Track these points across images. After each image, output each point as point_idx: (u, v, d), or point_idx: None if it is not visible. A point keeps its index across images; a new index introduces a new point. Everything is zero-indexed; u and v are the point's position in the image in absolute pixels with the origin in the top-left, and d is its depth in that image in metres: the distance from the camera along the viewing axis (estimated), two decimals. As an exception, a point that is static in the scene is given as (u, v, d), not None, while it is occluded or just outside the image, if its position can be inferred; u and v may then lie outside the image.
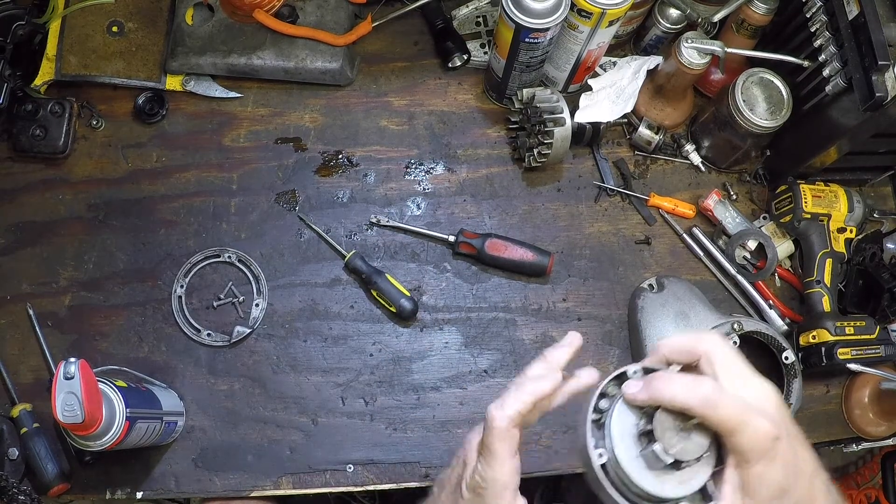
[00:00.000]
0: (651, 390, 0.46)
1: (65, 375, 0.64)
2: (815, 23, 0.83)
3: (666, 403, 0.44)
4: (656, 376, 0.46)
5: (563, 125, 0.89)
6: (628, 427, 0.48)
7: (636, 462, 0.46)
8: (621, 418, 0.48)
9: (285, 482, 0.86)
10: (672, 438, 0.44)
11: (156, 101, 0.98)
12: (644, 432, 0.46)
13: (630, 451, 0.47)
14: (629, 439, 0.47)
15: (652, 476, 0.46)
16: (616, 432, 0.48)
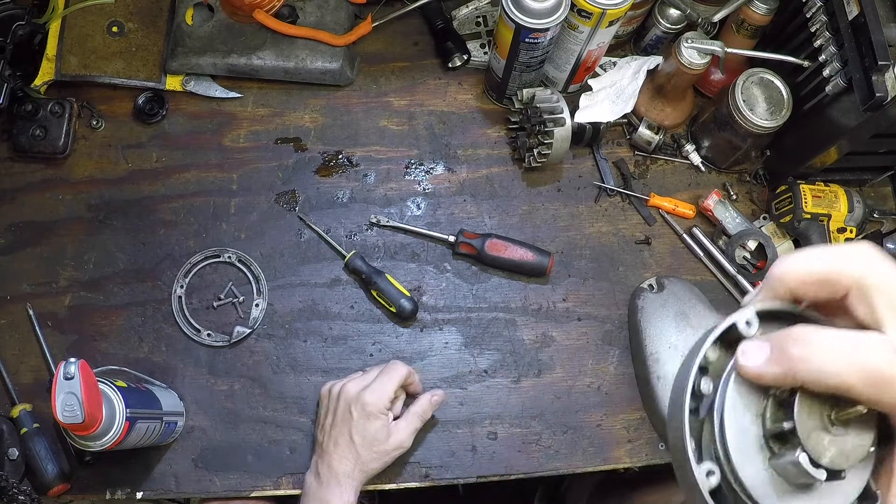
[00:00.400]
0: (786, 362, 0.31)
1: (65, 375, 0.64)
2: (815, 23, 0.83)
3: (811, 384, 0.30)
4: (791, 336, 0.31)
5: (563, 125, 0.89)
6: (747, 423, 0.33)
7: (766, 478, 0.32)
8: (737, 410, 0.33)
9: (285, 482, 0.85)
10: (821, 440, 0.31)
11: (156, 102, 0.98)
12: (775, 434, 0.33)
13: (755, 462, 0.32)
14: (751, 443, 0.33)
15: (792, 495, 0.32)
16: (732, 435, 0.32)
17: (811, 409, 0.31)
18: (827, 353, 0.30)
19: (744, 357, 0.32)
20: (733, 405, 0.33)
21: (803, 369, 0.30)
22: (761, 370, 0.31)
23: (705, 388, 0.34)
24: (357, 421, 0.77)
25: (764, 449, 0.33)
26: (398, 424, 0.80)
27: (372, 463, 0.78)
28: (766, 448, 0.33)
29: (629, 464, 0.87)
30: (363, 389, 0.78)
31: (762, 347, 0.32)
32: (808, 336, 0.30)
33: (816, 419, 0.31)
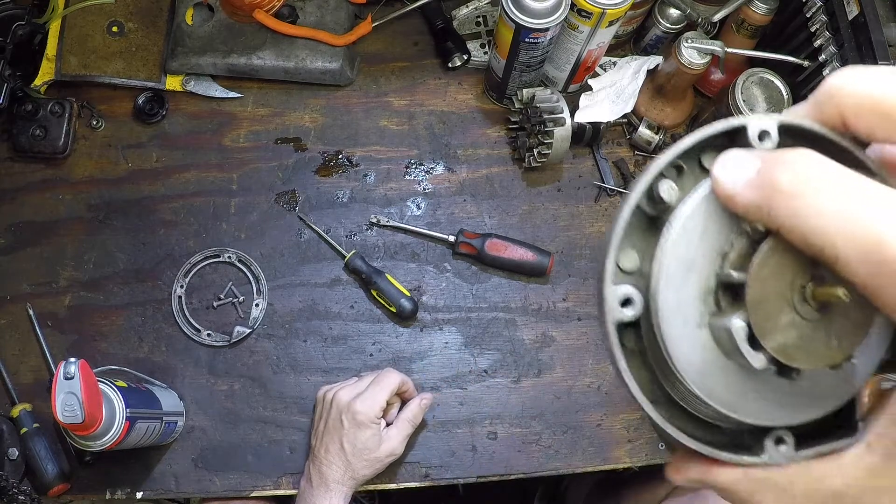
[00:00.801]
0: (767, 191, 0.23)
1: (65, 375, 0.64)
2: (815, 23, 0.83)
3: (787, 231, 0.23)
4: (787, 160, 0.23)
5: (563, 125, 0.89)
6: (700, 257, 0.25)
7: (696, 338, 0.25)
8: (692, 233, 0.25)
9: (285, 482, 0.86)
10: (777, 316, 0.23)
11: (156, 102, 0.98)
12: (726, 284, 0.25)
13: (690, 311, 0.25)
14: (694, 285, 0.25)
15: (726, 374, 0.25)
16: (674, 265, 0.25)
17: (779, 268, 0.23)
18: (825, 197, 0.22)
19: (721, 168, 0.25)
20: (690, 227, 0.25)
21: (784, 207, 0.22)
22: (734, 191, 0.24)
23: (667, 194, 0.26)
24: (348, 430, 0.77)
25: (708, 300, 0.25)
26: (389, 432, 0.80)
27: (363, 470, 0.78)
28: (711, 299, 0.25)
29: (629, 464, 0.87)
30: (355, 398, 0.78)
31: (748, 162, 0.24)
32: (810, 167, 0.22)
33: (782, 285, 0.23)
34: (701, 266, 0.25)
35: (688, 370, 0.25)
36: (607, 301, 0.26)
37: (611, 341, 0.26)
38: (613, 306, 0.26)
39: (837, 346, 0.24)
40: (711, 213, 0.25)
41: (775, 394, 0.26)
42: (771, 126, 0.26)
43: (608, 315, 0.26)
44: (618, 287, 0.26)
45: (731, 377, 0.26)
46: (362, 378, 0.83)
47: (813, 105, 0.26)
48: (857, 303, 0.23)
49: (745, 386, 0.26)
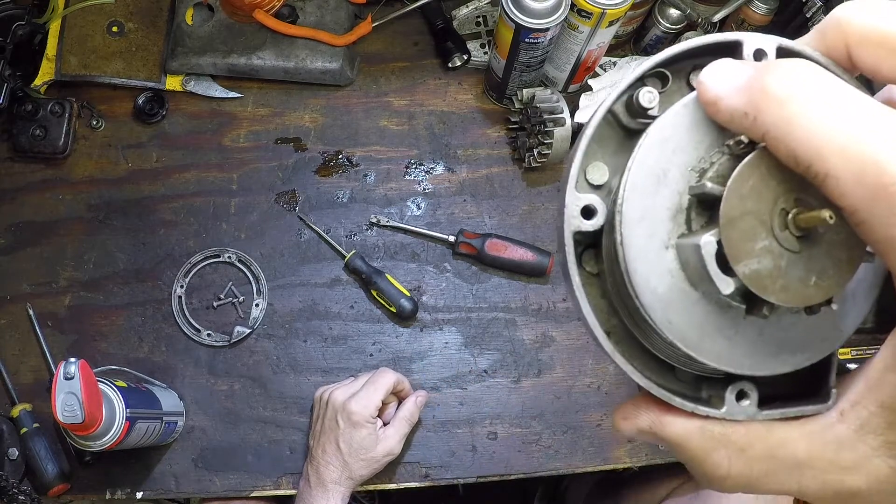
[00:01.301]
0: (756, 97, 0.21)
1: (65, 375, 0.64)
2: (815, 23, 0.83)
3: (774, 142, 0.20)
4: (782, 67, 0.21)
5: (563, 125, 0.89)
6: (675, 168, 0.23)
7: (659, 257, 0.23)
8: (669, 143, 0.23)
9: (285, 482, 0.86)
10: (752, 239, 0.21)
11: (156, 102, 0.98)
12: (701, 198, 0.23)
13: (658, 226, 0.23)
14: (665, 198, 0.23)
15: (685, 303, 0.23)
16: (644, 175, 0.23)
17: (761, 186, 0.21)
18: (820, 106, 0.19)
19: (708, 72, 0.22)
20: (667, 136, 0.23)
21: (773, 113, 0.20)
22: (720, 95, 0.22)
23: (646, 100, 0.24)
24: (343, 430, 0.77)
25: (679, 219, 0.23)
26: (386, 431, 0.80)
27: (360, 470, 0.78)
28: (682, 218, 0.23)
29: (629, 464, 0.87)
30: (350, 398, 0.78)
31: (739, 70, 0.22)
32: (807, 74, 0.20)
33: (762, 205, 0.21)
34: (675, 179, 0.23)
35: (646, 294, 0.23)
36: (567, 208, 0.23)
37: (566, 253, 0.24)
38: (573, 214, 0.23)
39: (816, 284, 0.21)
40: (693, 124, 0.23)
41: (742, 338, 0.23)
42: (769, 46, 0.24)
43: (566, 223, 0.23)
44: (580, 195, 0.24)
45: (695, 310, 0.23)
46: (358, 378, 0.83)
47: (817, 34, 0.24)
48: (844, 239, 0.21)
49: (710, 322, 0.23)
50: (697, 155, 0.23)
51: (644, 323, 0.24)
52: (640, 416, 0.26)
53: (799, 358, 0.24)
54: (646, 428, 0.26)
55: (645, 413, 0.26)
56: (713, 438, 0.25)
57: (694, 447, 0.25)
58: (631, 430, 0.27)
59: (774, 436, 0.24)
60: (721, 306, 0.23)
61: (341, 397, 0.79)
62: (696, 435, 0.25)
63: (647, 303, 0.23)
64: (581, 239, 0.25)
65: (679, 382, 0.27)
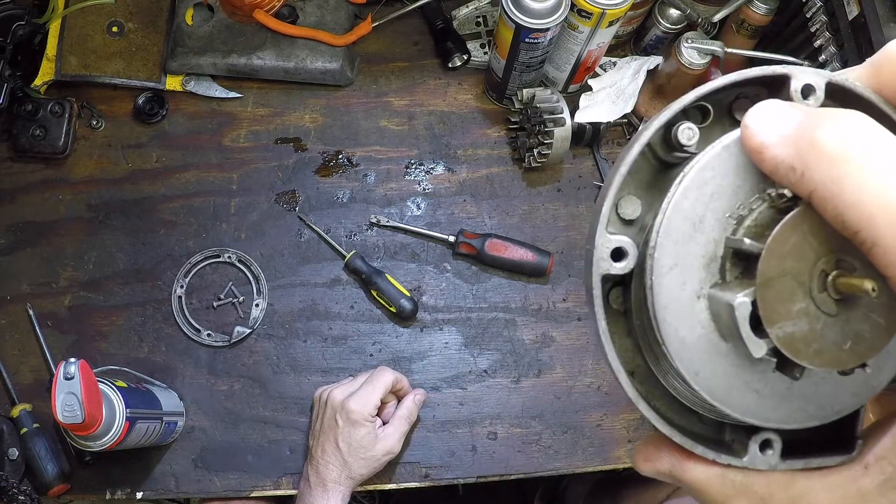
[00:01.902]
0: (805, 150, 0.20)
1: (65, 375, 0.64)
2: (815, 23, 0.83)
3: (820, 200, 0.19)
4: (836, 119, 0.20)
5: (563, 125, 0.89)
6: (712, 216, 0.22)
7: (690, 307, 0.22)
8: (707, 187, 0.22)
9: (285, 482, 0.86)
10: (789, 302, 0.20)
11: (156, 102, 0.98)
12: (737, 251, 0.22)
13: (691, 274, 0.22)
14: (700, 245, 0.22)
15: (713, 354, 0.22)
16: (680, 220, 0.22)
17: (802, 246, 0.20)
18: (874, 168, 0.18)
19: (755, 115, 0.21)
20: (705, 179, 0.22)
21: (823, 171, 0.19)
22: (767, 142, 0.20)
23: (685, 136, 0.23)
24: (342, 429, 0.77)
25: (713, 268, 0.22)
26: (386, 430, 0.80)
27: (360, 469, 0.78)
28: (716, 267, 0.22)
29: (629, 464, 0.87)
30: (348, 397, 0.78)
31: (788, 114, 0.20)
32: (862, 131, 0.19)
33: (802, 266, 0.20)
34: (711, 226, 0.22)
35: (674, 342, 0.22)
36: (597, 250, 0.23)
37: (594, 295, 0.23)
38: (603, 256, 0.23)
39: (852, 349, 0.20)
40: (733, 168, 0.22)
41: (770, 391, 0.23)
42: (818, 82, 0.22)
43: (595, 265, 0.23)
44: (611, 237, 0.23)
45: (724, 362, 0.22)
46: (357, 377, 0.83)
47: (869, 69, 0.23)
48: (885, 304, 0.20)
49: (738, 375, 0.22)
50: (736, 201, 0.22)
51: (670, 368, 0.23)
52: (661, 458, 0.26)
53: (828, 412, 0.23)
54: (666, 471, 0.26)
55: (666, 457, 0.26)
56: (734, 486, 0.25)
57: (714, 494, 0.25)
58: (651, 471, 0.27)
59: (796, 487, 0.24)
60: (751, 360, 0.22)
61: (340, 396, 0.79)
62: (717, 482, 0.25)
63: (674, 352, 0.22)
64: (608, 278, 0.24)
65: (702, 424, 0.26)
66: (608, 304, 0.25)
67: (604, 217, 0.23)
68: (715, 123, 0.25)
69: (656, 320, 0.22)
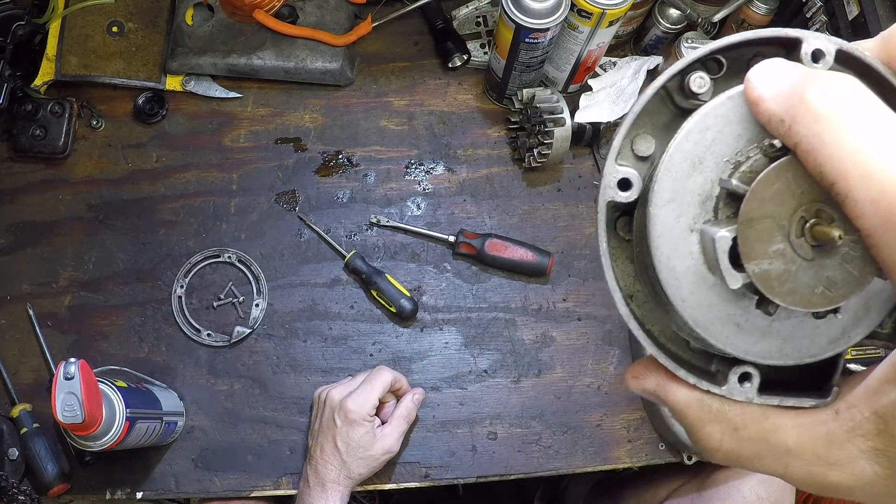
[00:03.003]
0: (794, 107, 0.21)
1: (65, 375, 0.64)
2: (815, 23, 0.83)
3: (803, 152, 0.21)
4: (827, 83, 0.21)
5: (563, 125, 0.89)
6: (711, 158, 0.24)
7: (683, 237, 0.24)
8: (709, 132, 0.24)
9: (285, 482, 0.86)
10: (767, 241, 0.22)
11: (156, 102, 0.98)
12: (729, 191, 0.24)
13: (686, 208, 0.24)
14: (698, 182, 0.24)
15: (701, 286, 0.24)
16: (681, 157, 0.24)
17: (785, 192, 0.22)
18: (852, 128, 0.20)
19: (757, 71, 0.23)
20: (708, 124, 0.24)
21: (807, 126, 0.21)
22: (763, 96, 0.22)
23: (697, 85, 0.25)
24: (340, 428, 0.77)
25: (707, 205, 0.24)
26: (384, 430, 0.80)
27: (358, 469, 0.78)
28: (710, 206, 0.24)
29: (629, 464, 0.87)
30: (346, 397, 0.78)
31: (787, 73, 0.22)
32: (849, 93, 0.21)
33: (783, 210, 0.22)
34: (709, 168, 0.24)
35: (666, 271, 0.24)
36: (605, 177, 0.25)
37: (598, 219, 0.25)
38: (610, 184, 0.25)
39: (824, 293, 0.22)
40: (736, 116, 0.24)
41: (751, 326, 0.24)
42: (829, 48, 0.24)
43: (602, 192, 0.25)
44: (620, 167, 0.25)
45: (709, 293, 0.24)
46: (356, 377, 0.83)
47: (880, 42, 0.24)
48: (860, 256, 0.22)
49: (722, 307, 0.24)
50: (735, 147, 0.24)
51: (662, 294, 0.25)
52: (648, 377, 0.28)
53: (802, 354, 0.25)
54: (651, 389, 0.28)
55: (653, 376, 0.28)
56: (710, 412, 0.26)
57: (692, 417, 0.27)
58: (638, 388, 0.29)
59: (768, 421, 0.25)
60: (735, 294, 0.24)
61: (338, 396, 0.79)
62: (695, 406, 0.27)
63: (665, 278, 0.24)
64: (617, 207, 0.26)
65: (691, 353, 0.28)
66: (615, 231, 0.27)
67: (614, 150, 0.26)
68: (732, 77, 0.26)
69: (651, 247, 0.24)
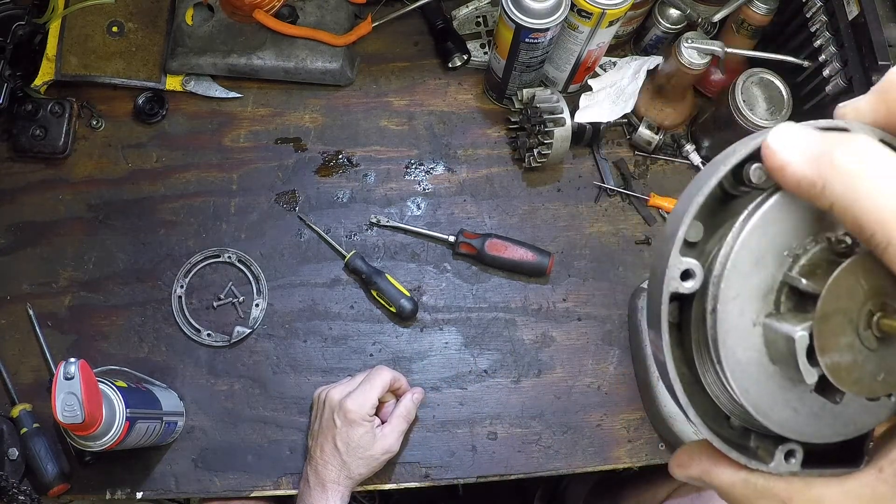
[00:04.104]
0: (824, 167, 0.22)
1: (65, 375, 0.64)
2: (815, 23, 0.83)
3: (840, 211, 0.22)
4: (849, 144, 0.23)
5: (563, 125, 0.89)
6: (772, 250, 0.25)
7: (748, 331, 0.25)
8: (771, 225, 0.25)
9: (285, 482, 0.86)
10: (839, 336, 0.23)
11: (156, 102, 0.98)
12: (792, 286, 0.25)
13: (750, 303, 0.25)
14: (760, 277, 0.25)
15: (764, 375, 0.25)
16: (745, 252, 0.25)
17: (855, 288, 0.23)
18: (883, 182, 0.21)
19: (776, 139, 0.24)
20: (769, 219, 0.24)
21: (841, 186, 0.22)
22: (789, 161, 0.23)
23: (756, 177, 0.25)
24: (340, 429, 0.77)
25: (769, 299, 0.25)
26: (384, 429, 0.80)
27: (359, 469, 0.78)
28: (771, 299, 0.25)
29: (629, 464, 0.87)
30: (345, 397, 0.78)
31: (807, 139, 0.23)
32: (873, 150, 0.22)
33: (853, 305, 0.23)
34: (770, 262, 0.25)
35: (731, 365, 0.25)
36: (670, 269, 0.25)
37: (661, 312, 0.26)
38: (674, 275, 0.25)
39: (885, 380, 0.24)
40: (793, 210, 0.25)
41: (807, 409, 0.26)
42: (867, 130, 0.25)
43: (666, 283, 0.25)
44: (683, 259, 0.26)
45: (769, 382, 0.26)
46: (355, 377, 0.83)
47: (876, 96, 0.25)
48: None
49: (781, 394, 0.26)
50: (793, 240, 0.25)
51: (718, 381, 0.26)
52: (693, 464, 0.29)
53: (851, 430, 0.27)
54: (696, 476, 0.29)
55: (697, 464, 0.29)
56: (756, 489, 0.27)
57: (738, 495, 0.28)
58: (683, 476, 0.30)
59: (813, 491, 0.26)
60: (793, 381, 0.26)
61: (337, 396, 0.79)
62: (740, 485, 0.28)
63: (730, 372, 0.25)
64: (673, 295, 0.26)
65: (730, 430, 0.29)
66: None
67: (678, 240, 0.26)
68: None
69: (716, 342, 0.25)
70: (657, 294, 0.26)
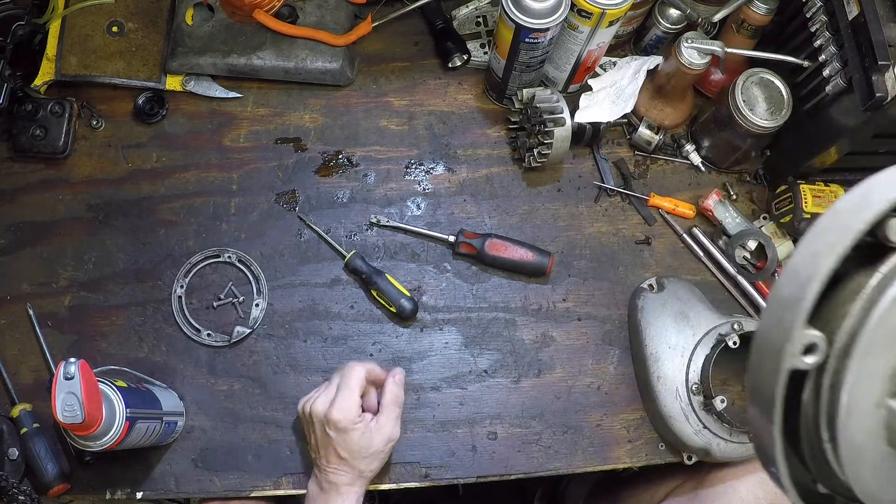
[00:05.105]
0: None
1: (65, 375, 0.64)
2: (815, 23, 0.83)
3: None
4: None
5: (563, 125, 0.89)
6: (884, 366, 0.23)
7: (868, 413, 0.23)
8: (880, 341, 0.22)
9: (285, 482, 0.85)
10: None
11: (156, 102, 0.98)
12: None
13: (872, 384, 0.23)
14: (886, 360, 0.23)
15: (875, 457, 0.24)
16: (878, 331, 0.22)
17: None
18: None
19: None
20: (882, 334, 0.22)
21: None
22: None
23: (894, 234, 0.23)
24: (336, 439, 0.76)
25: (893, 381, 0.23)
26: (379, 421, 0.79)
27: (369, 466, 0.78)
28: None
29: (629, 464, 0.87)
30: (329, 408, 0.77)
31: None
32: None
33: None
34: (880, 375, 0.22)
35: (848, 446, 0.23)
36: (792, 343, 0.22)
37: (775, 394, 0.22)
38: (796, 351, 0.22)
39: None
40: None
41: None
42: None
43: (785, 360, 0.22)
44: (806, 331, 0.22)
45: (882, 465, 0.24)
46: (331, 380, 0.81)
47: None
48: None
49: (889, 475, 0.24)
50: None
51: (826, 461, 0.24)
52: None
53: None
54: None
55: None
56: None
57: None
58: None
59: None
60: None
61: (321, 408, 0.77)
62: None
63: (845, 454, 0.23)
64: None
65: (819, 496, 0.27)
66: None
67: (804, 310, 0.22)
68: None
69: (833, 421, 0.23)
70: (771, 370, 0.22)
